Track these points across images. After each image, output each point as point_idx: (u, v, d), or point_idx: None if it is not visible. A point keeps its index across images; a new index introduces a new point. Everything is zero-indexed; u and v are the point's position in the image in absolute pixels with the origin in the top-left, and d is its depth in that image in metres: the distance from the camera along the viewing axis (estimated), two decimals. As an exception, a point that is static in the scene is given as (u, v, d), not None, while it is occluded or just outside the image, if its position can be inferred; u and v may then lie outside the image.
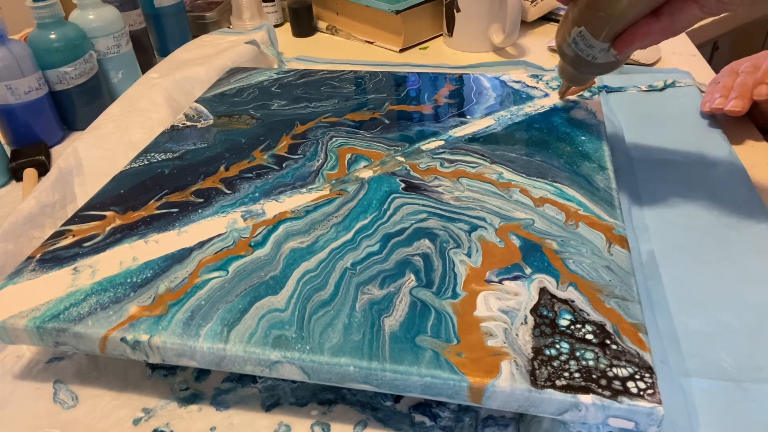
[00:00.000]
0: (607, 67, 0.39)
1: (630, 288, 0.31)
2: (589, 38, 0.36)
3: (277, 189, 0.41)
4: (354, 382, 0.28)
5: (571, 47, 0.38)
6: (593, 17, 0.35)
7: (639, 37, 0.33)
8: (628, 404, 0.25)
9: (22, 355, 0.36)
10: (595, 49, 0.37)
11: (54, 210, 0.47)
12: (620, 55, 0.36)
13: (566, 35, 0.38)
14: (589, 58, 0.38)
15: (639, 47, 0.34)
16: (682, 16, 0.31)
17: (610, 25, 0.34)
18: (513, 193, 0.39)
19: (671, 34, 0.33)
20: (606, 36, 0.36)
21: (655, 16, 0.32)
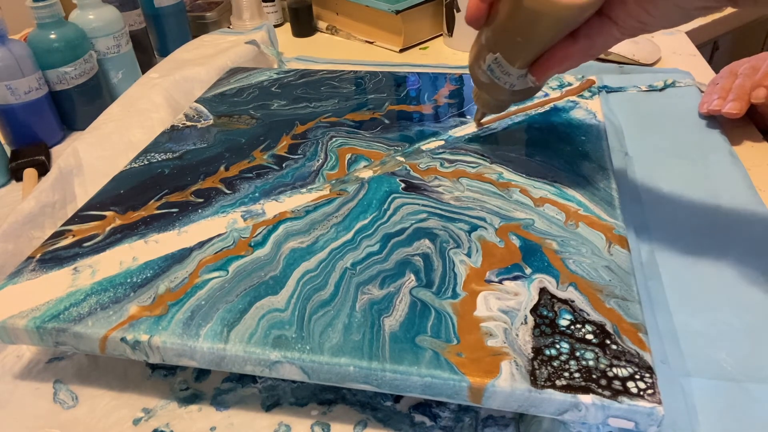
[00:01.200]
0: (525, 94, 0.37)
1: (630, 288, 0.31)
2: (505, 65, 0.34)
3: (277, 189, 0.41)
4: (354, 382, 0.28)
5: (486, 74, 0.36)
6: (509, 42, 0.32)
7: (558, 61, 0.32)
8: (628, 404, 0.25)
9: (22, 355, 0.36)
10: (513, 76, 0.34)
11: (54, 210, 0.47)
12: (539, 81, 0.34)
13: (480, 61, 0.36)
14: (507, 86, 0.35)
15: (558, 72, 0.32)
16: (600, 38, 0.30)
17: (527, 50, 0.32)
18: (513, 193, 0.39)
19: (590, 57, 0.32)
20: (524, 62, 0.33)
21: (572, 38, 0.31)
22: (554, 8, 0.29)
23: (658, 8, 0.28)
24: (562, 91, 0.52)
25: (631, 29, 0.29)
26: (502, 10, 0.32)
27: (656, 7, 0.27)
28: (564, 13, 0.29)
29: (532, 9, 0.29)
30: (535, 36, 0.31)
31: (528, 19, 0.30)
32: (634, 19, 0.28)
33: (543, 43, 0.32)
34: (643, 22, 0.29)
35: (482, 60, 0.35)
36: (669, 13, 0.28)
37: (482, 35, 0.35)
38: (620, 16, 0.29)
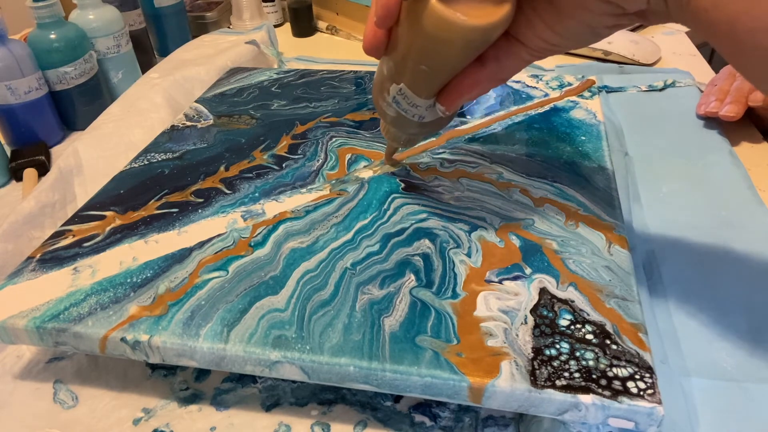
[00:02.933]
0: (437, 125, 0.34)
1: (630, 288, 0.31)
2: (411, 96, 0.31)
3: (277, 189, 0.41)
4: (354, 382, 0.28)
5: (392, 107, 0.32)
6: (413, 72, 0.29)
7: (467, 88, 0.30)
8: (628, 404, 0.25)
9: (22, 355, 0.36)
10: (420, 108, 0.31)
11: (54, 210, 0.47)
12: (449, 110, 0.31)
13: (383, 93, 0.32)
14: (415, 118, 0.32)
15: (468, 99, 0.30)
16: (509, 60, 0.29)
17: (433, 79, 0.30)
18: (513, 193, 0.39)
19: (500, 81, 0.30)
20: (430, 92, 0.30)
21: (480, 63, 0.29)
22: (459, 32, 0.26)
23: (566, 29, 0.27)
24: (562, 91, 0.52)
25: (540, 50, 0.28)
26: (402, 37, 0.29)
27: (565, 27, 0.27)
28: (470, 36, 0.27)
29: (434, 34, 0.27)
30: (440, 63, 0.29)
31: (431, 46, 0.28)
32: (542, 40, 0.27)
33: (449, 70, 0.29)
34: (552, 42, 0.27)
35: (386, 92, 0.32)
36: (578, 33, 0.27)
37: (383, 65, 0.32)
38: (528, 37, 0.28)
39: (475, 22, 0.26)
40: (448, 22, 0.26)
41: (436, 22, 0.26)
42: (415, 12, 0.27)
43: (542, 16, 0.27)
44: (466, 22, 0.26)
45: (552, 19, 0.26)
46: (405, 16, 0.28)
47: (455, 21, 0.26)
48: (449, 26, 0.26)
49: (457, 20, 0.26)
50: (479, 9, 0.26)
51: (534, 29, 0.27)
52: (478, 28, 0.26)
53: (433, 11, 0.26)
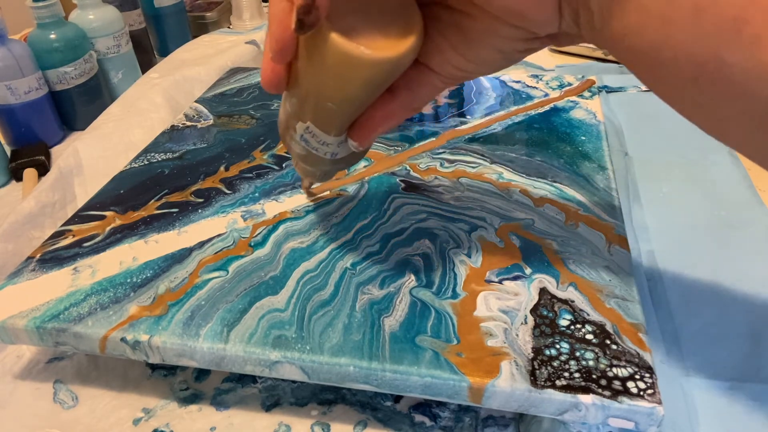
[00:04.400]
0: (352, 159, 0.31)
1: (630, 288, 0.31)
2: (319, 134, 0.28)
3: (277, 189, 0.41)
4: (354, 382, 0.28)
5: (300, 144, 0.30)
6: (319, 109, 0.27)
7: (379, 122, 0.28)
8: (628, 404, 0.25)
9: (22, 355, 0.36)
10: (331, 145, 0.29)
11: (54, 210, 0.47)
12: (362, 146, 0.29)
13: (290, 131, 0.30)
14: (327, 156, 0.30)
15: (382, 133, 0.29)
16: (421, 89, 0.28)
17: (341, 115, 0.27)
18: (513, 193, 0.39)
19: (414, 110, 0.29)
20: (340, 129, 0.28)
21: (391, 94, 0.27)
22: (364, 67, 0.24)
23: (477, 55, 0.26)
24: (562, 91, 0.52)
25: (452, 77, 0.27)
26: (303, 72, 0.26)
27: (475, 54, 0.26)
28: (376, 70, 0.25)
29: (338, 70, 0.25)
30: (347, 99, 0.26)
31: (336, 82, 0.25)
32: (453, 66, 0.26)
33: (358, 105, 0.27)
34: (464, 69, 0.26)
35: (292, 129, 0.30)
36: (489, 58, 0.26)
37: (286, 101, 0.29)
38: (439, 64, 0.26)
39: (381, 55, 0.24)
40: (351, 57, 0.24)
41: (338, 57, 0.24)
42: (315, 46, 0.24)
43: (452, 43, 0.25)
44: (372, 55, 0.24)
45: (462, 45, 0.25)
46: (304, 51, 0.25)
47: (359, 55, 0.24)
48: (353, 61, 0.24)
49: (361, 54, 0.24)
50: (384, 40, 0.24)
51: (444, 56, 0.26)
52: (385, 60, 0.24)
53: (334, 46, 0.24)
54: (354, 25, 0.24)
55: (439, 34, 0.26)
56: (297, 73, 0.26)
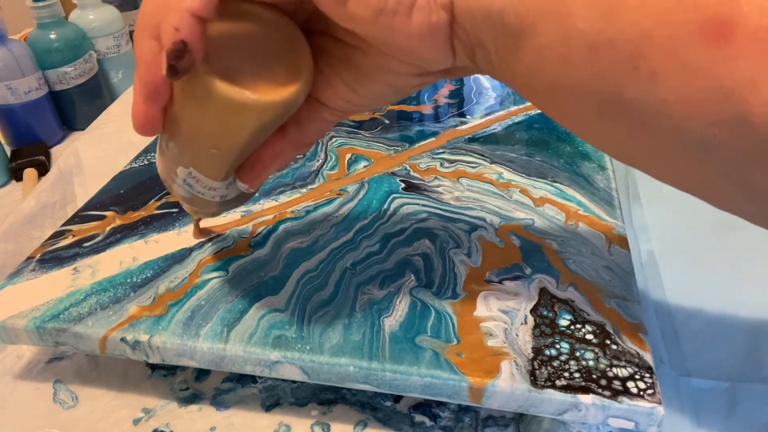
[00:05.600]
0: (242, 199, 0.29)
1: (630, 288, 0.31)
2: (204, 180, 0.26)
3: (277, 189, 0.41)
4: (354, 382, 0.28)
5: (184, 188, 0.27)
6: (202, 155, 0.25)
7: (269, 162, 0.27)
8: (628, 404, 0.25)
9: (22, 355, 0.36)
10: (220, 189, 0.27)
11: (54, 210, 0.47)
12: (252, 187, 0.27)
13: (171, 174, 0.27)
14: (215, 198, 0.27)
15: (273, 171, 0.27)
16: (312, 124, 0.26)
17: (227, 160, 0.25)
18: (513, 193, 0.39)
19: (306, 146, 0.28)
20: (226, 173, 0.26)
21: (280, 132, 0.26)
22: (251, 113, 0.22)
23: (369, 90, 0.25)
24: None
25: (344, 111, 0.26)
26: (183, 117, 0.24)
27: (367, 89, 0.25)
28: (265, 114, 0.23)
29: (222, 117, 0.22)
30: (233, 145, 0.24)
31: (220, 128, 0.23)
32: (344, 101, 0.25)
33: (245, 150, 0.25)
34: (355, 103, 0.26)
35: (173, 173, 0.27)
36: (381, 93, 0.25)
37: (163, 143, 0.26)
38: (330, 99, 0.26)
39: (268, 99, 0.22)
40: (235, 103, 0.22)
41: (220, 103, 0.22)
42: (193, 91, 0.22)
43: (342, 78, 0.25)
44: (258, 100, 0.22)
45: (353, 80, 0.25)
46: (180, 93, 0.23)
47: (244, 101, 0.22)
48: (237, 107, 0.22)
49: (246, 100, 0.22)
50: (270, 81, 0.23)
51: (334, 90, 0.25)
52: (273, 104, 0.22)
53: (215, 91, 0.22)
54: (235, 66, 0.22)
55: (328, 67, 0.25)
56: (174, 115, 0.24)
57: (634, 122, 0.19)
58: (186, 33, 0.20)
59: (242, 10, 0.23)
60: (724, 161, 0.18)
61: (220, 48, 0.22)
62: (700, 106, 0.17)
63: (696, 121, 0.17)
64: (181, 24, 0.19)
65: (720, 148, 0.17)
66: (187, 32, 0.20)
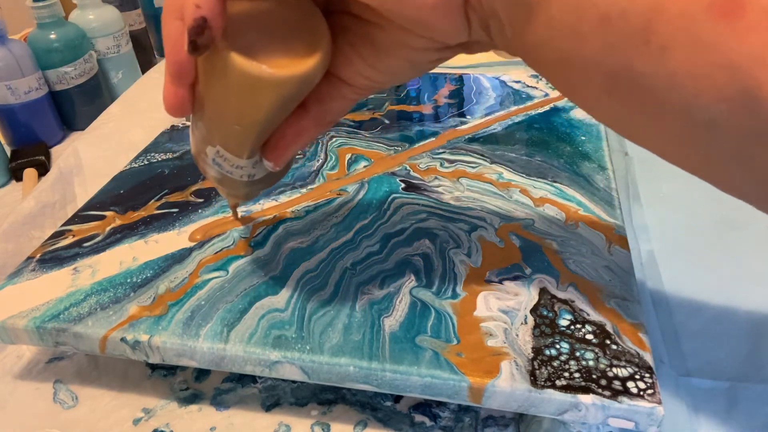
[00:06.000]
0: (271, 180, 0.30)
1: (630, 288, 0.31)
2: (231, 158, 0.27)
3: (277, 189, 0.41)
4: (354, 382, 0.28)
5: (214, 168, 0.28)
6: (227, 132, 0.26)
7: (292, 140, 0.27)
8: (628, 404, 0.25)
9: (22, 355, 0.36)
10: (246, 167, 0.27)
11: (54, 210, 0.47)
12: (277, 165, 0.28)
13: (201, 155, 0.28)
14: (244, 178, 0.28)
15: (298, 149, 0.28)
16: (334, 102, 0.27)
17: (251, 137, 0.25)
18: (513, 193, 0.39)
19: (329, 124, 0.28)
20: (252, 151, 0.26)
21: (303, 108, 0.26)
22: (270, 87, 0.23)
23: (387, 66, 0.25)
24: (562, 91, 0.52)
25: (364, 88, 0.26)
26: (208, 95, 0.24)
27: (386, 65, 0.25)
28: (283, 90, 0.23)
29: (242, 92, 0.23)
30: (255, 121, 0.25)
31: (241, 105, 0.24)
32: (364, 77, 0.26)
33: (268, 126, 0.25)
34: (375, 80, 0.26)
35: (203, 154, 0.28)
36: (400, 69, 0.25)
37: (194, 125, 0.27)
38: (350, 76, 0.26)
39: (286, 74, 0.22)
40: (254, 78, 0.22)
41: (240, 79, 0.22)
42: (215, 68, 0.23)
43: (362, 54, 0.25)
44: (276, 75, 0.22)
45: (372, 57, 0.25)
46: (204, 72, 0.23)
47: (262, 76, 0.22)
48: (256, 82, 0.22)
49: (264, 75, 0.22)
50: (289, 57, 0.23)
51: (354, 67, 0.25)
52: (291, 79, 0.23)
53: (234, 67, 0.22)
54: (255, 43, 0.23)
55: (348, 44, 0.25)
56: (200, 95, 0.25)
57: (643, 97, 0.19)
58: (206, 9, 0.20)
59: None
60: (729, 139, 0.18)
61: (239, 25, 0.23)
62: (709, 81, 0.17)
63: (705, 97, 0.17)
64: (202, 1, 0.20)
65: (726, 125, 0.17)
66: (207, 8, 0.20)
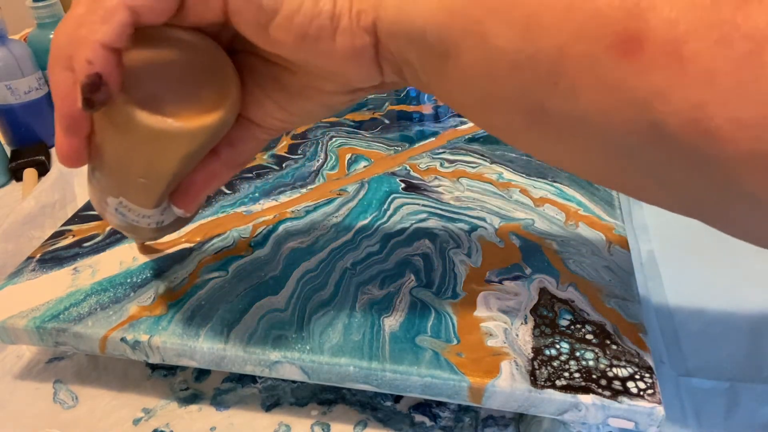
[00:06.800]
0: (181, 223, 0.29)
1: (630, 288, 0.31)
2: (136, 209, 0.25)
3: (277, 189, 0.41)
4: (354, 382, 0.28)
5: (118, 217, 0.26)
6: (132, 185, 0.24)
7: (202, 186, 0.26)
8: (628, 404, 0.25)
9: (22, 355, 0.36)
10: (155, 215, 0.26)
11: (54, 210, 0.47)
12: (188, 212, 0.26)
13: (102, 203, 0.26)
14: (152, 225, 0.26)
15: (209, 194, 0.27)
16: (244, 144, 0.26)
17: (158, 189, 0.24)
18: (513, 193, 0.39)
19: (240, 166, 0.27)
20: (159, 200, 0.25)
21: (213, 153, 0.25)
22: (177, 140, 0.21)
23: (300, 108, 0.25)
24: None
25: (277, 128, 0.26)
26: (107, 147, 0.23)
27: (298, 107, 0.25)
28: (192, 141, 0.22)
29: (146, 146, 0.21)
30: (163, 173, 0.23)
31: (146, 158, 0.22)
32: (275, 119, 0.25)
33: (176, 177, 0.24)
34: (286, 121, 0.25)
35: (104, 203, 0.26)
36: (313, 111, 0.25)
37: (91, 174, 0.25)
38: (261, 118, 0.25)
39: (195, 125, 0.21)
40: (161, 132, 0.21)
41: (145, 133, 0.21)
42: (115, 122, 0.21)
43: (272, 97, 0.24)
44: (184, 128, 0.21)
45: (283, 99, 0.25)
46: (102, 125, 0.22)
47: (169, 129, 0.21)
48: (164, 136, 0.21)
49: (170, 128, 0.21)
50: (196, 106, 0.22)
51: (265, 109, 0.25)
52: (201, 130, 0.22)
53: (138, 122, 0.21)
54: (158, 93, 0.21)
55: (257, 87, 0.24)
56: (98, 146, 0.23)
57: (560, 132, 0.20)
58: (100, 65, 0.19)
59: (163, 35, 0.22)
60: (646, 164, 0.19)
61: (140, 76, 0.21)
62: (619, 117, 0.17)
63: (618, 131, 0.18)
64: (94, 56, 0.19)
65: (641, 153, 0.18)
66: (100, 64, 0.19)
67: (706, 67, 0.15)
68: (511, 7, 0.18)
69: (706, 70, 0.15)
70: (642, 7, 0.16)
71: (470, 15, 0.19)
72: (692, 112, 0.16)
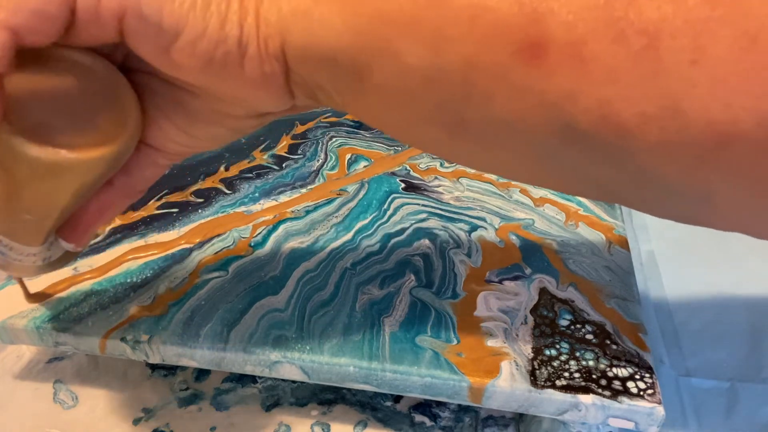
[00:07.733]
0: (70, 257, 0.26)
1: (630, 288, 0.31)
2: (20, 248, 0.23)
3: (277, 189, 0.41)
4: (354, 382, 0.28)
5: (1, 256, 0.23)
6: (14, 223, 0.22)
7: (95, 218, 0.24)
8: (628, 404, 0.25)
9: (22, 355, 0.36)
10: (40, 254, 0.24)
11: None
12: (78, 246, 0.25)
13: None
14: (38, 263, 0.24)
15: (101, 226, 0.25)
16: (143, 170, 0.24)
17: (44, 226, 0.22)
18: (513, 193, 0.39)
19: (138, 194, 0.25)
20: (45, 237, 0.23)
21: (107, 183, 0.24)
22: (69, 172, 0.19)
23: (205, 132, 0.24)
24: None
25: (178, 153, 0.24)
26: None
27: (202, 131, 0.23)
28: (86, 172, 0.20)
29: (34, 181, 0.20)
30: (52, 209, 0.21)
31: (35, 192, 0.20)
32: (177, 143, 0.24)
33: (65, 210, 0.22)
34: (189, 145, 0.24)
35: None
36: (217, 134, 0.24)
37: None
38: (161, 143, 0.24)
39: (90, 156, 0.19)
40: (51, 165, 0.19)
41: (33, 166, 0.19)
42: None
43: (173, 121, 0.23)
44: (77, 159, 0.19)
45: (185, 124, 0.23)
46: None
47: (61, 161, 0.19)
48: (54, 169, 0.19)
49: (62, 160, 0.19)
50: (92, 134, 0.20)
51: (166, 134, 0.23)
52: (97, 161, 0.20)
53: (25, 154, 0.19)
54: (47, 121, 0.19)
55: (157, 110, 0.23)
56: None
57: (483, 140, 0.20)
58: None
59: (53, 57, 0.20)
60: (570, 163, 0.19)
61: (26, 102, 0.19)
62: (534, 121, 0.18)
63: (535, 135, 0.18)
64: None
65: (562, 154, 0.18)
66: None
67: (607, 65, 0.16)
68: (417, 23, 0.18)
69: (607, 68, 0.16)
70: (540, 11, 0.16)
71: (378, 34, 0.19)
72: (600, 110, 0.16)
